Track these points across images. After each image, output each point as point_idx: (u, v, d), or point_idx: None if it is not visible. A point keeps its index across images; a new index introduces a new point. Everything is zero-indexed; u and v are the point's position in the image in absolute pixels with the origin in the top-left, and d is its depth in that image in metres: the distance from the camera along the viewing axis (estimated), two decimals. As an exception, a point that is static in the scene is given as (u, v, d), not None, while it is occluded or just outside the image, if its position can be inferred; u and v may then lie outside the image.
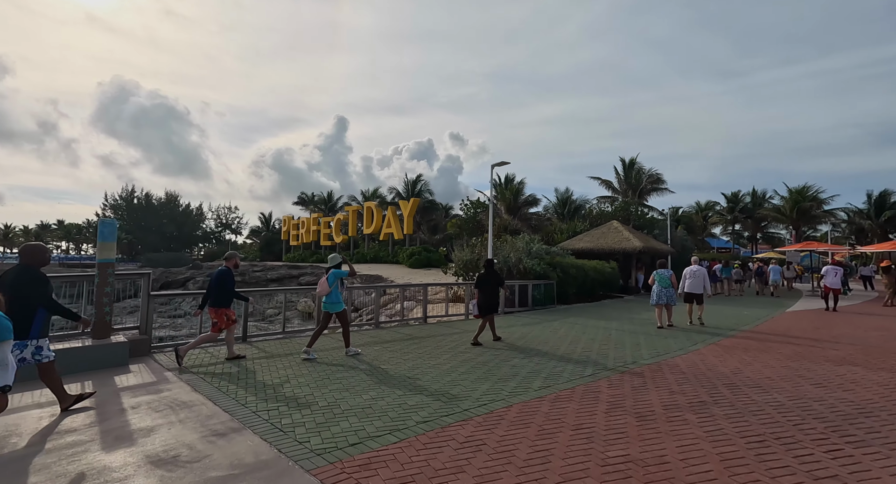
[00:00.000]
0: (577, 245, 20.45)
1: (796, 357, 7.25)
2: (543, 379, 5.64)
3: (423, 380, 5.49)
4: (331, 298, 6.70)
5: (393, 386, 5.19)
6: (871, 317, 12.75)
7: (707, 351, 7.70)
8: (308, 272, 29.75)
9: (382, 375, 5.73)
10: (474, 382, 5.45)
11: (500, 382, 5.46)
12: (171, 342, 7.73)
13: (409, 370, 5.99)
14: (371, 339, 8.40)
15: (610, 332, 9.66)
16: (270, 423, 3.86)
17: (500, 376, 5.71)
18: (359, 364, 6.29)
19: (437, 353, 7.21)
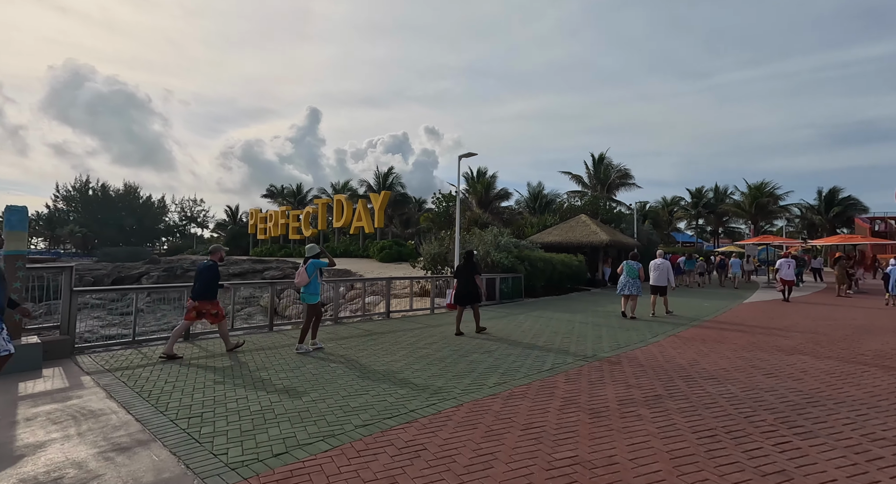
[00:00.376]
0: (547, 239, 20.52)
1: (751, 347, 7.36)
2: (500, 375, 5.43)
3: (374, 379, 5.18)
4: (309, 288, 6.61)
5: (339, 386, 4.86)
6: (821, 307, 13.30)
7: (667, 343, 7.72)
8: (273, 267, 28.69)
9: (330, 374, 5.38)
10: (427, 379, 5.18)
11: (454, 379, 5.21)
12: (117, 341, 7.11)
13: (360, 369, 5.66)
14: (328, 335, 8.01)
15: (574, 325, 9.62)
16: (188, 432, 3.45)
17: (455, 373, 5.47)
18: (307, 363, 5.91)
19: (394, 349, 6.91)
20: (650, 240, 27.06)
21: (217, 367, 5.67)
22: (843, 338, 8.32)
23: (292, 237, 43.96)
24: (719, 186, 50.92)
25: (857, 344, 7.78)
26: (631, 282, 10.61)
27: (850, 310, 12.61)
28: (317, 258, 6.73)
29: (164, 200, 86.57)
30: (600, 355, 6.66)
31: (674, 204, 53.58)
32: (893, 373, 5.88)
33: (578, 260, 17.89)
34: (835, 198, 46.21)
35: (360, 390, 4.70)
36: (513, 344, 7.39)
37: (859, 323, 10.25)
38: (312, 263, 6.62)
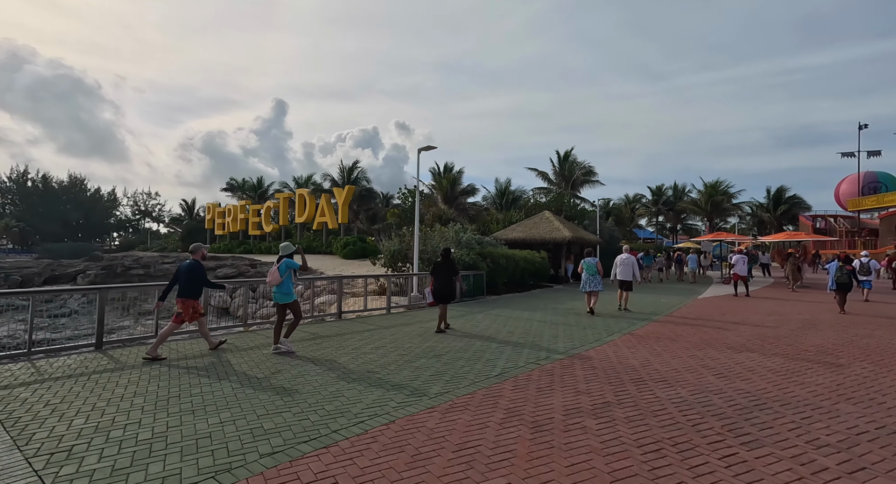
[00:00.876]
0: (511, 235, 20.40)
1: (702, 345, 7.33)
2: (445, 383, 5.05)
3: (301, 392, 4.67)
4: (281, 288, 6.49)
5: (257, 403, 4.33)
6: (769, 302, 13.76)
7: (621, 342, 7.60)
8: (228, 264, 27.12)
9: (253, 387, 4.83)
10: (362, 391, 4.72)
11: (392, 390, 4.78)
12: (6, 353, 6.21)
13: (289, 380, 5.14)
14: (266, 340, 7.39)
15: (532, 323, 9.41)
16: (40, 475, 2.83)
17: (395, 382, 5.03)
18: (230, 373, 5.33)
19: (336, 355, 6.40)
20: (612, 236, 27.57)
21: (126, 382, 4.99)
22: (788, 333, 8.49)
23: (252, 233, 42.14)
24: (678, 185, 52.92)
25: (801, 339, 7.93)
26: (591, 278, 10.76)
27: (795, 304, 13.10)
28: (291, 258, 6.59)
29: (115, 193, 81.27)
30: (554, 357, 6.41)
31: (636, 201, 55.21)
32: (833, 369, 5.94)
33: (541, 257, 17.85)
34: (782, 196, 48.93)
35: (281, 408, 4.18)
36: (464, 347, 7.04)
37: (804, 317, 10.58)
38: (286, 262, 6.48)
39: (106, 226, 79.82)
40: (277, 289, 6.51)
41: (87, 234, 74.79)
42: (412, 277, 12.84)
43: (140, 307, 19.09)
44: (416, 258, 12.88)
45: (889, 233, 34.96)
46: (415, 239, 12.97)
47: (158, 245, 55.82)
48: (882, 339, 8.08)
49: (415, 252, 12.95)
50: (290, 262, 6.55)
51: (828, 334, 8.47)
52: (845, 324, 9.74)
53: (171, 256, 33.88)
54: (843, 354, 6.82)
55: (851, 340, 7.90)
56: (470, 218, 29.61)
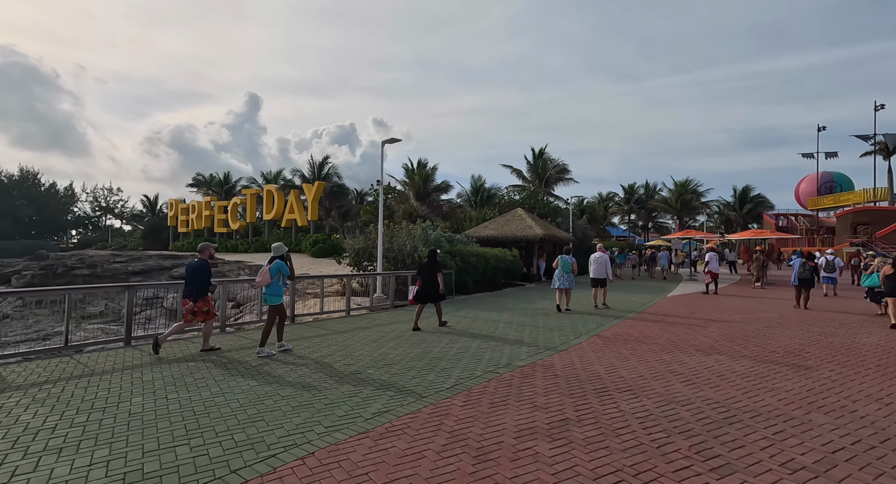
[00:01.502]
0: (483, 233, 19.98)
1: (671, 348, 7.02)
2: (388, 399, 4.47)
3: (212, 416, 4.00)
4: (271, 289, 6.41)
5: (160, 431, 3.65)
6: (736, 299, 13.79)
7: (588, 345, 7.20)
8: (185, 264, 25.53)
9: (159, 409, 4.13)
10: (288, 413, 4.09)
11: (324, 409, 4.17)
12: None
13: (210, 397, 4.46)
14: (192, 350, 6.63)
15: (498, 325, 8.95)
16: None
17: (330, 400, 4.42)
18: (149, 389, 4.60)
19: (275, 366, 5.73)
20: (585, 234, 27.58)
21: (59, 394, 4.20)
22: (756, 333, 8.32)
23: (218, 230, 40.33)
24: (650, 183, 53.92)
25: (768, 339, 7.75)
26: (565, 276, 10.76)
27: (761, 302, 13.14)
28: (283, 260, 6.49)
29: (73, 189, 76.66)
30: (515, 364, 5.94)
31: (609, 199, 55.95)
32: (801, 372, 5.69)
33: (513, 255, 17.48)
34: (747, 196, 50.55)
35: (180, 439, 3.51)
36: (422, 353, 6.48)
37: (770, 316, 10.52)
38: (278, 264, 6.40)
39: (62, 223, 75.23)
40: (267, 290, 6.41)
41: (41, 231, 70.32)
42: (376, 277, 12.20)
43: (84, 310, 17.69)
44: (379, 257, 12.24)
45: (845, 230, 36.47)
46: (379, 236, 12.32)
47: (118, 243, 52.92)
48: (845, 337, 8.00)
49: (378, 250, 12.30)
50: (281, 265, 6.42)
51: (794, 333, 8.34)
52: (810, 322, 9.70)
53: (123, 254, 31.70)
54: (810, 355, 6.63)
55: (817, 340, 7.77)
56: (443, 215, 29.07)
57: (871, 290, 11.34)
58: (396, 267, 13.62)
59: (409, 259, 13.41)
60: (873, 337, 8.09)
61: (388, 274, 11.89)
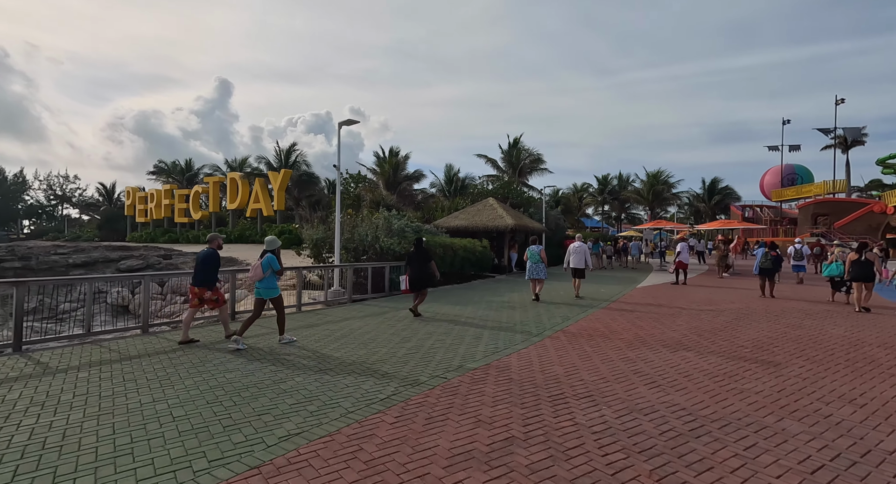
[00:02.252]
0: (453, 223, 19.35)
1: (636, 344, 6.59)
2: (304, 418, 3.76)
3: (96, 434, 3.23)
4: (264, 283, 6.37)
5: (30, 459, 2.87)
6: (703, 289, 13.68)
7: (550, 342, 6.70)
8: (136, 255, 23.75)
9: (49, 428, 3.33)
10: (169, 442, 3.33)
11: (217, 436, 3.43)
12: None
13: (95, 417, 3.67)
14: (131, 350, 5.75)
15: (459, 320, 8.36)
16: None
17: (231, 423, 3.68)
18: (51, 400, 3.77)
19: (187, 375, 4.95)
20: (559, 225, 27.34)
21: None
22: (723, 326, 8.03)
23: (179, 220, 38.26)
24: (623, 174, 54.40)
25: (736, 333, 7.44)
26: (535, 266, 10.78)
27: (728, 292, 13.05)
28: (275, 254, 6.42)
29: (24, 175, 71.50)
30: (467, 366, 5.35)
31: (583, 190, 56.28)
32: (770, 370, 5.33)
33: (482, 245, 16.93)
34: (715, 187, 51.75)
35: (46, 465, 2.75)
36: (365, 355, 5.81)
37: (737, 307, 10.34)
38: (269, 258, 6.34)
39: (12, 212, 70.24)
40: (260, 284, 6.37)
41: (-12, 221, 65.48)
42: (333, 270, 11.40)
43: (13, 307, 16.17)
44: (337, 247, 11.43)
45: (806, 221, 37.72)
46: (336, 226, 11.48)
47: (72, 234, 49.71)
48: (812, 329, 7.79)
49: (336, 241, 11.49)
50: (272, 259, 6.34)
51: (761, 326, 8.09)
52: (776, 313, 9.53)
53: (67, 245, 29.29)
54: (778, 350, 6.32)
55: (784, 332, 7.52)
56: (415, 205, 28.27)
57: (832, 279, 11.38)
58: (358, 258, 12.84)
59: (370, 250, 12.64)
60: (839, 328, 7.92)
61: (345, 266, 11.11)
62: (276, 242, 6.52)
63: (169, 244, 33.30)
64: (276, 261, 6.35)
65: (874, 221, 33.30)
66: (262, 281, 6.34)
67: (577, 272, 11.62)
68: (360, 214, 15.07)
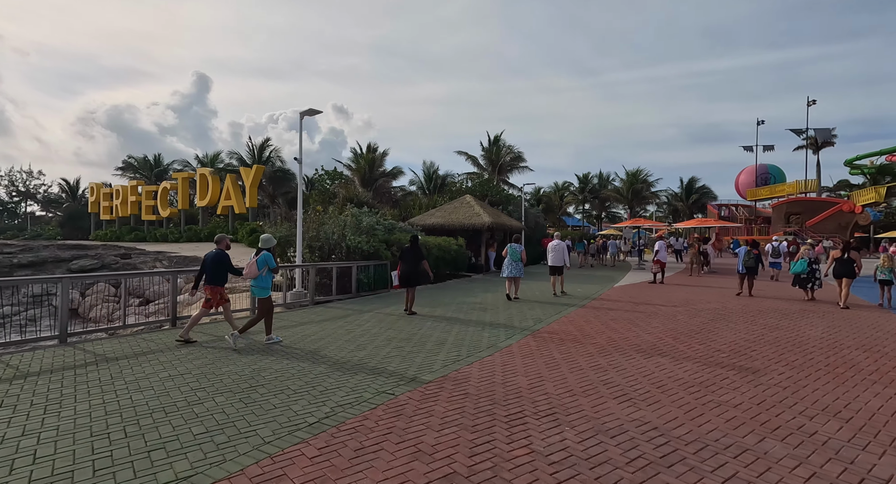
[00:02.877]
0: (429, 221, 18.77)
1: (609, 349, 6.15)
2: (211, 449, 3.14)
3: None
4: (258, 282, 6.31)
5: None
6: (680, 289, 13.45)
7: (517, 348, 6.20)
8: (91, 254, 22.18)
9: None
10: (66, 465, 2.69)
11: (98, 475, 2.80)
12: None
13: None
14: (46, 364, 4.98)
15: (423, 324, 7.80)
16: None
17: (120, 457, 3.04)
18: None
19: (100, 392, 4.25)
20: (538, 223, 27.05)
21: None
22: (700, 327, 7.68)
23: (147, 218, 36.58)
24: (603, 173, 54.73)
25: (713, 335, 7.09)
26: (513, 265, 10.62)
27: (704, 292, 12.84)
28: (271, 252, 6.39)
29: (-20, 171, 67.67)
30: (421, 379, 4.79)
31: (564, 189, 56.42)
32: (749, 377, 4.94)
33: (458, 244, 16.40)
34: (693, 187, 52.54)
35: None
36: (305, 370, 5.19)
37: (713, 307, 10.07)
38: (265, 256, 6.26)
39: (-32, 209, 66.55)
40: (255, 282, 6.30)
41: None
42: (294, 270, 10.70)
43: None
44: (299, 246, 10.73)
45: (779, 220, 38.46)
46: (298, 223, 10.76)
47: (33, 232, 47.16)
48: (789, 331, 7.50)
49: (298, 239, 10.78)
50: (268, 257, 6.26)
51: (738, 327, 7.78)
52: (752, 313, 9.28)
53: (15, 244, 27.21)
54: (756, 354, 5.96)
55: (761, 334, 7.20)
56: (393, 202, 27.56)
57: (797, 276, 11.26)
58: (326, 258, 12.15)
59: (337, 249, 11.96)
60: (816, 329, 7.66)
61: (307, 266, 10.41)
62: (271, 240, 6.48)
63: (134, 243, 31.76)
64: (272, 259, 6.30)
65: (843, 220, 34.13)
66: (257, 280, 6.26)
67: (555, 270, 11.57)
68: (328, 211, 14.36)
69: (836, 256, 10.40)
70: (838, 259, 10.27)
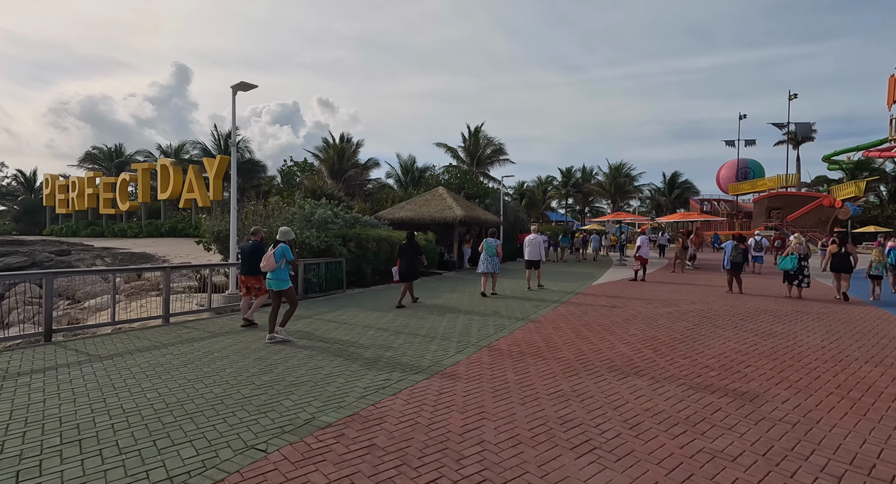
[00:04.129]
0: (398, 214, 17.49)
1: (576, 366, 5.02)
2: None
3: None
4: (276, 274, 6.21)
5: None
6: (663, 287, 12.50)
7: (464, 368, 5.02)
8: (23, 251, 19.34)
9: None
10: None
11: None
12: None
13: None
14: None
15: (365, 334, 6.58)
16: None
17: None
18: None
19: None
20: (518, 217, 25.92)
21: None
22: (684, 334, 6.64)
23: (105, 211, 34.33)
24: (587, 167, 54.07)
25: (700, 345, 6.05)
26: (489, 260, 10.35)
27: (689, 290, 11.90)
28: (289, 245, 6.33)
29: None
30: (319, 420, 3.57)
31: (547, 183, 55.63)
32: (746, 407, 3.87)
33: (426, 238, 15.16)
34: (675, 181, 52.30)
35: None
36: (172, 406, 3.92)
37: (698, 308, 9.09)
38: (283, 248, 6.18)
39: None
40: (272, 275, 6.24)
41: None
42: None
43: None
44: (232, 242, 9.36)
45: (761, 215, 38.27)
46: (231, 215, 9.38)
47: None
48: (785, 338, 6.51)
49: (231, 234, 9.41)
50: (285, 249, 6.22)
51: (727, 333, 6.76)
52: (741, 315, 8.32)
53: None
54: (752, 372, 4.91)
55: (754, 343, 6.19)
56: (366, 196, 26.13)
57: (786, 273, 10.44)
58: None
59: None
60: (815, 335, 6.68)
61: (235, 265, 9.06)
62: (289, 232, 6.47)
63: (91, 239, 29.64)
64: (289, 251, 6.23)
65: (823, 215, 34.01)
66: (274, 272, 6.20)
67: (532, 264, 11.33)
68: (277, 202, 12.98)
69: (833, 250, 10.11)
70: (836, 254, 10.01)
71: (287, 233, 6.44)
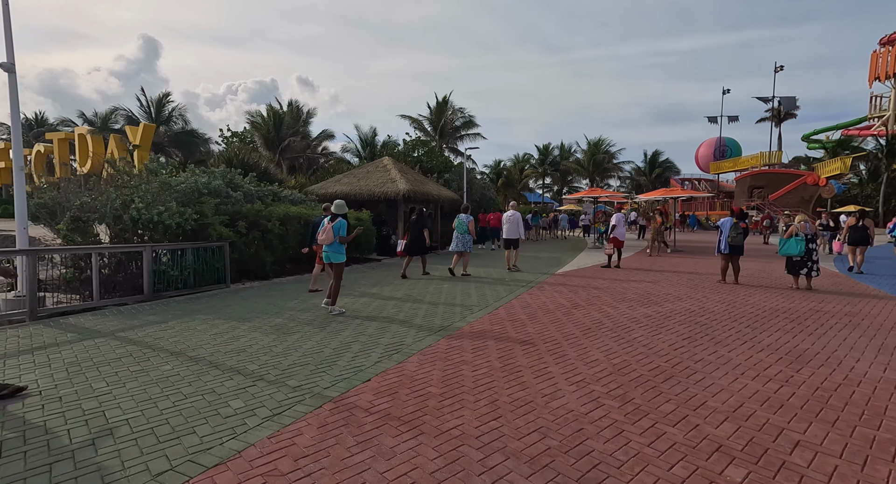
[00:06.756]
0: (332, 188, 14.62)
1: (473, 456, 2.48)
2: None
3: None
4: (333, 248, 6.23)
5: None
6: (640, 275, 10.15)
7: (378, 383, 2.41)
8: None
9: None
10: None
11: None
12: None
13: None
14: None
15: (235, 343, 3.89)
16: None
17: None
18: None
19: None
20: (485, 196, 23.27)
21: None
22: (670, 362, 4.18)
23: (22, 189, 30.11)
24: (565, 144, 51.60)
25: (697, 387, 3.59)
26: (460, 238, 9.89)
27: (671, 279, 9.56)
28: (345, 218, 6.35)
29: None
30: None
31: (524, 161, 53.05)
32: None
33: (359, 218, 12.38)
34: (656, 161, 50.51)
35: None
36: None
37: (687, 307, 6.72)
38: (340, 222, 6.21)
39: None
40: (329, 248, 6.22)
41: None
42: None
43: None
44: (18, 222, 6.47)
45: (742, 194, 36.72)
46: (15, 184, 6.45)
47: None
48: (823, 363, 4.13)
49: (16, 208, 6.52)
50: (343, 224, 6.20)
51: (735, 357, 4.35)
52: (746, 319, 5.96)
53: None
54: (800, 457, 2.46)
55: (783, 376, 3.78)
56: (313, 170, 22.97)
57: (789, 259, 8.23)
58: (118, 239, 7.91)
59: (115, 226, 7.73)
60: (865, 356, 4.33)
61: (29, 251, 6.18)
62: (344, 206, 6.42)
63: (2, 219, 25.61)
64: (345, 226, 6.25)
65: (807, 193, 32.55)
66: (331, 245, 6.18)
67: (510, 243, 10.81)
68: (123, 166, 10.01)
69: (850, 223, 10.35)
70: (853, 226, 10.26)
71: (342, 206, 6.42)
